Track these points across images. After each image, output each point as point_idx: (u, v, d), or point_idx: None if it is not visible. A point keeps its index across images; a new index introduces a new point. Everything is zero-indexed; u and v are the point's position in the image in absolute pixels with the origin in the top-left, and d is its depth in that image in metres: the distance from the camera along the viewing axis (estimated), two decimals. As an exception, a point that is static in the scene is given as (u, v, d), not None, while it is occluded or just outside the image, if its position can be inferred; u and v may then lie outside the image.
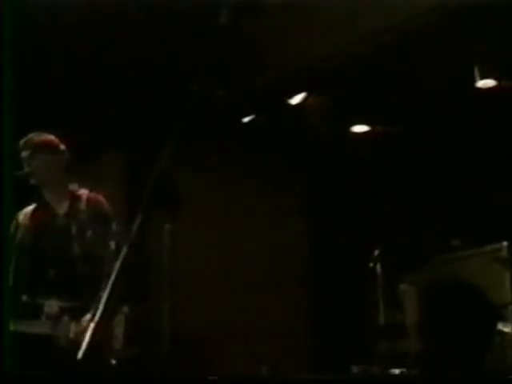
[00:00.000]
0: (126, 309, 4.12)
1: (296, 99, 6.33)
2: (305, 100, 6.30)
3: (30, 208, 4.42)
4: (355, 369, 5.44)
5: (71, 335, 4.04)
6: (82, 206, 4.39)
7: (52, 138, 4.40)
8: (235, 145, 7.40)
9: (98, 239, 4.30)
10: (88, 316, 4.01)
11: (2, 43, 3.99)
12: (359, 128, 7.14)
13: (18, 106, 3.78)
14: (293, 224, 8.15)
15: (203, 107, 2.47)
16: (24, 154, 4.28)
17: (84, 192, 4.46)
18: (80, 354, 2.34)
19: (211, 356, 6.94)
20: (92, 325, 2.37)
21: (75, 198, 4.40)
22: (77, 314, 4.07)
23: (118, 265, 2.42)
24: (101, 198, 4.44)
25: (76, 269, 4.21)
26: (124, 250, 2.50)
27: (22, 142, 4.30)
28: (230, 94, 5.62)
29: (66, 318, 4.08)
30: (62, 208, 4.36)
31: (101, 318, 2.34)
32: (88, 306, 4.02)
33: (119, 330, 4.07)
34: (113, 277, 2.38)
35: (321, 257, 7.88)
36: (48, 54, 5.78)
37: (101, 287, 4.05)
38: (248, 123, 6.54)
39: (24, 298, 4.17)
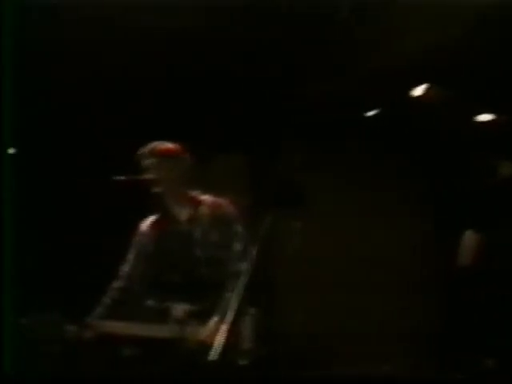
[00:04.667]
0: (252, 310, 4.11)
1: (418, 90, 6.19)
2: (427, 91, 6.16)
3: (151, 217, 4.58)
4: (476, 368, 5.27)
5: (200, 337, 4.11)
6: (205, 211, 4.46)
7: (175, 146, 4.44)
8: (360, 141, 7.35)
9: (222, 242, 4.29)
10: (215, 318, 4.12)
11: (2, 42, 4.10)
12: (485, 117, 6.92)
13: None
14: (419, 223, 8.04)
15: (324, 104, 2.44)
16: (148, 162, 4.32)
17: (206, 197, 4.51)
18: (212, 355, 2.53)
19: (334, 355, 6.94)
20: (224, 326, 2.38)
21: (197, 204, 4.49)
22: (203, 317, 4.17)
23: (247, 265, 2.40)
24: (223, 201, 4.53)
25: (201, 273, 4.26)
26: (252, 251, 2.49)
27: (145, 150, 4.34)
28: (350, 88, 5.55)
29: (193, 321, 4.17)
30: (184, 215, 4.50)
31: (233, 318, 2.34)
32: (214, 308, 4.14)
33: (247, 331, 4.14)
34: (243, 277, 2.36)
35: (446, 256, 7.66)
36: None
37: (226, 289, 4.09)
38: (371, 117, 6.43)
39: (150, 302, 4.33)
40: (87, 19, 5.45)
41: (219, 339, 3.79)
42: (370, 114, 6.53)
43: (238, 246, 4.36)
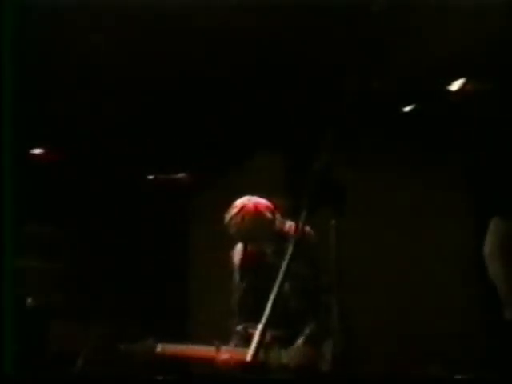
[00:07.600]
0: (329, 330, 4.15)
1: (455, 85, 6.21)
2: (464, 85, 6.17)
3: (239, 246, 4.66)
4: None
5: (283, 361, 4.27)
6: (290, 242, 4.40)
7: (262, 204, 4.46)
8: (399, 138, 7.23)
9: (309, 274, 4.37)
10: (298, 342, 4.25)
11: (2, 42, 4.03)
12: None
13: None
14: (459, 222, 7.89)
15: (360, 101, 2.39)
16: (237, 223, 4.40)
17: (291, 226, 4.50)
18: (249, 356, 2.50)
19: (380, 355, 6.86)
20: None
21: (283, 236, 4.43)
22: (287, 342, 4.29)
23: (285, 264, 2.56)
24: (308, 229, 4.38)
25: (287, 302, 4.29)
26: (290, 249, 2.62)
27: (233, 211, 4.37)
28: (387, 84, 5.51)
29: (277, 346, 4.28)
30: (270, 246, 4.48)
31: (268, 318, 2.50)
32: (297, 333, 4.29)
33: (327, 353, 4.23)
34: (280, 275, 2.53)
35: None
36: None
37: (312, 317, 4.28)
38: (409, 112, 6.41)
39: (239, 328, 4.47)
40: (87, 19, 5.34)
41: (258, 339, 3.79)
42: (407, 109, 6.50)
43: (325, 278, 4.32)
